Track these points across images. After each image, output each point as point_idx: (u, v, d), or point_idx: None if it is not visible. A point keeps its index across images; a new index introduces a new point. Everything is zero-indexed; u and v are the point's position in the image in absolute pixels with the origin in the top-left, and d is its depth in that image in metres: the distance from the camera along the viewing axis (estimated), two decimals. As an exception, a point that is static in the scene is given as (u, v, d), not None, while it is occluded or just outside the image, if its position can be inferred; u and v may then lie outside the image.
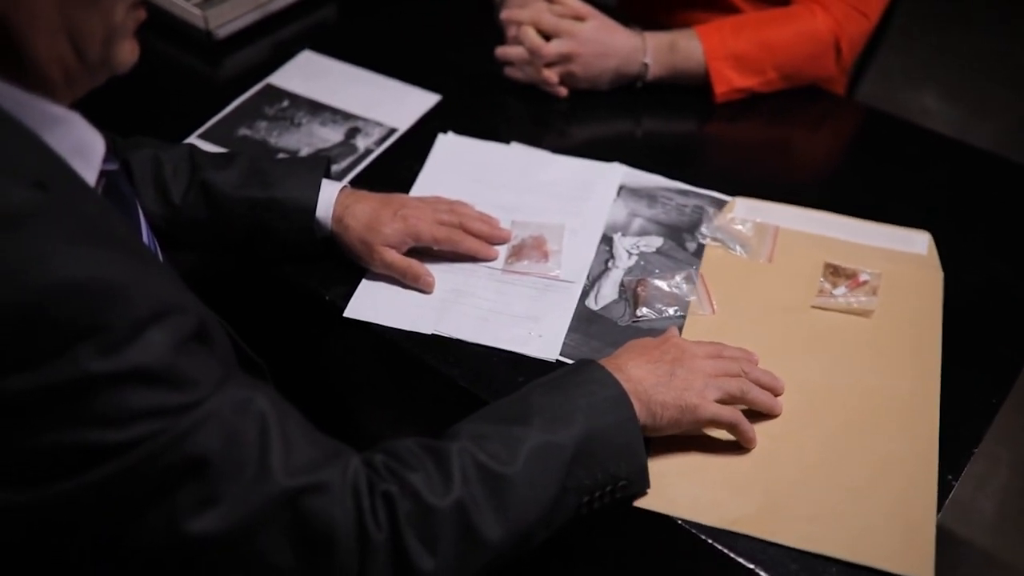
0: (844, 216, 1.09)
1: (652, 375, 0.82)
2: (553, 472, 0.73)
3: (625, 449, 0.77)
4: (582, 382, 0.79)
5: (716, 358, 0.86)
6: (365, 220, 0.98)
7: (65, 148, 0.62)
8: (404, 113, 1.25)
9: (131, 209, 0.79)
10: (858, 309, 0.98)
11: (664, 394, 0.81)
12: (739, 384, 0.85)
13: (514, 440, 0.72)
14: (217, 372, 0.62)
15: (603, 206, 1.11)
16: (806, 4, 1.27)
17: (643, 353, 0.85)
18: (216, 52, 1.36)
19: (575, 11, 1.25)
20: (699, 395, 0.82)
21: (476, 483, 0.69)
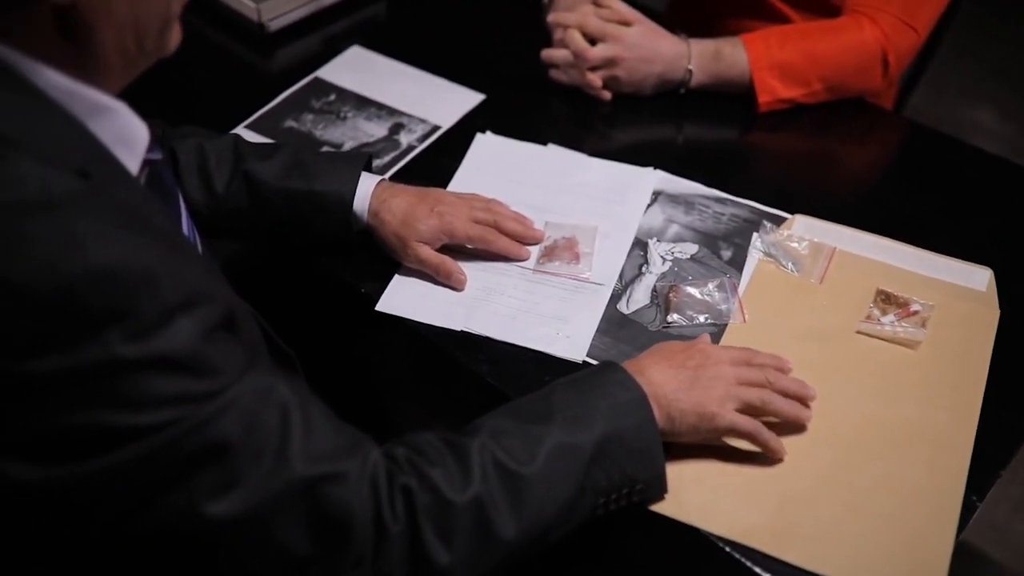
0: (905, 244, 1.05)
1: (674, 380, 0.81)
2: (571, 472, 0.73)
3: (644, 453, 0.77)
4: (604, 384, 0.79)
5: (742, 365, 0.84)
6: (401, 215, 0.99)
7: (110, 137, 0.63)
8: (448, 111, 1.25)
9: (172, 199, 0.80)
10: (904, 339, 0.94)
11: (684, 400, 0.80)
12: (760, 394, 0.83)
13: (534, 439, 0.73)
14: (241, 360, 0.63)
15: (637, 210, 1.10)
16: (854, 16, 1.26)
17: (668, 358, 0.84)
18: (268, 44, 1.38)
19: (621, 16, 1.25)
20: (719, 403, 0.80)
21: (495, 480, 0.70)
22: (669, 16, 1.62)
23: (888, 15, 1.24)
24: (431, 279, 1.01)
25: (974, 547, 1.70)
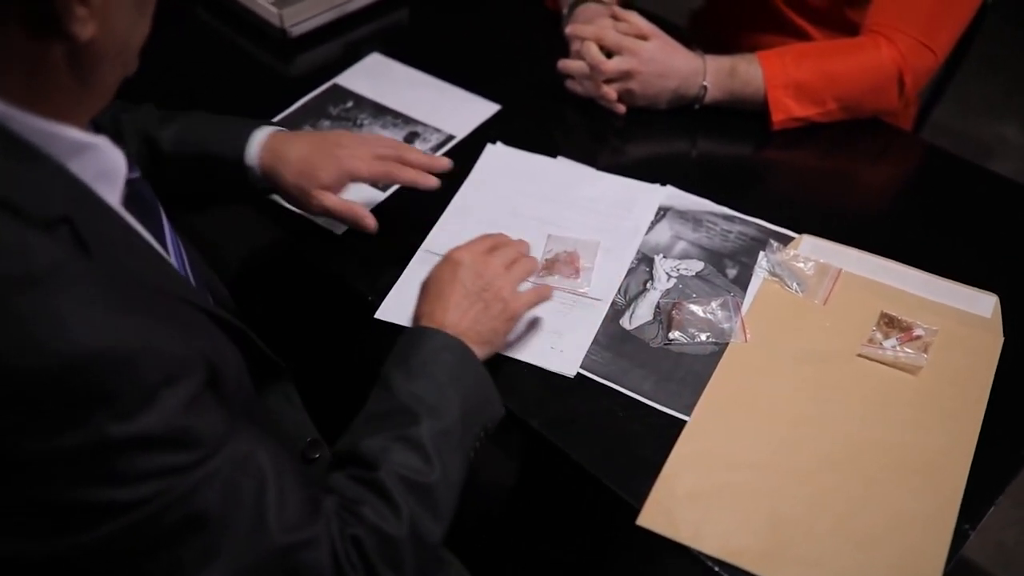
0: (912, 267, 1.05)
1: (471, 312, 0.89)
2: (456, 453, 0.80)
3: (488, 399, 0.86)
4: (432, 355, 0.84)
5: (494, 254, 0.93)
6: (298, 165, 0.98)
7: (90, 174, 0.65)
8: (463, 120, 1.26)
9: (153, 213, 0.81)
10: (905, 364, 0.95)
11: (492, 321, 0.89)
12: (525, 268, 0.95)
13: (416, 444, 0.78)
14: (222, 427, 0.65)
15: (640, 227, 1.10)
16: (871, 36, 1.25)
17: (451, 295, 0.89)
18: (290, 50, 1.40)
19: (639, 30, 1.26)
20: (513, 299, 0.91)
21: (413, 501, 0.75)
22: (689, 30, 1.63)
23: (906, 36, 1.23)
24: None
25: (983, 570, 1.69)
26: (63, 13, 0.57)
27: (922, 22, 1.24)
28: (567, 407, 0.93)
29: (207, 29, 1.46)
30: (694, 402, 0.92)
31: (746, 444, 0.89)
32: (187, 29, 1.46)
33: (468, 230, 1.10)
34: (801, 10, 1.44)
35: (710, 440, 0.89)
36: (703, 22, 1.67)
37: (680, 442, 0.89)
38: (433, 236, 1.10)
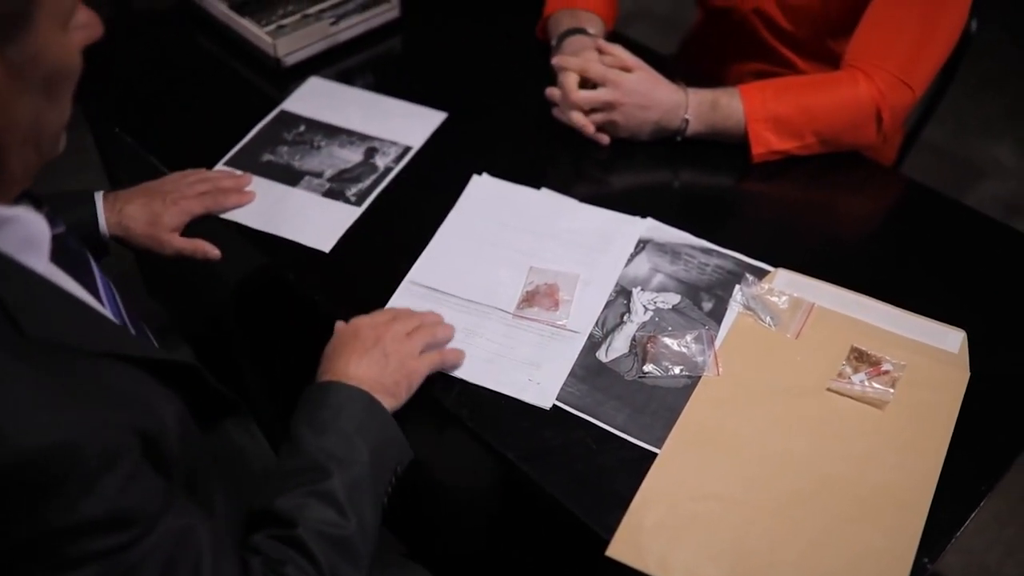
0: (882, 302, 1.07)
1: (376, 366, 0.93)
2: (369, 500, 0.85)
3: (394, 442, 0.91)
4: (339, 409, 0.88)
5: (395, 321, 0.98)
6: (145, 218, 1.10)
7: (14, 245, 0.67)
8: (415, 131, 1.31)
9: (82, 264, 0.83)
10: (872, 398, 0.97)
11: (393, 374, 0.93)
12: (428, 333, 0.99)
13: (330, 498, 0.82)
14: (159, 502, 0.68)
15: (619, 260, 1.13)
16: (850, 71, 1.28)
17: (350, 352, 0.94)
18: (284, 78, 1.43)
19: (622, 62, 1.28)
20: (414, 359, 0.96)
21: (333, 554, 0.80)
22: (678, 60, 1.66)
23: (884, 72, 1.26)
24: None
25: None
26: None
27: (900, 58, 1.26)
28: (542, 439, 0.96)
29: (206, 55, 1.50)
30: (666, 435, 0.95)
31: (714, 477, 0.92)
32: (186, 55, 1.50)
33: (450, 261, 1.14)
34: (786, 41, 1.47)
35: (679, 472, 0.92)
36: (691, 52, 1.70)
37: (650, 475, 0.92)
38: (418, 267, 1.13)
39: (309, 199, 1.20)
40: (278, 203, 1.20)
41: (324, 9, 1.46)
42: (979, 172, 2.59)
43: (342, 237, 1.16)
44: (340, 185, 1.22)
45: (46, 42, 0.63)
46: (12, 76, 0.62)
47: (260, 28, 1.42)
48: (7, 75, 0.61)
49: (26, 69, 0.62)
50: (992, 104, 2.76)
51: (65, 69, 0.66)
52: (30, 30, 0.61)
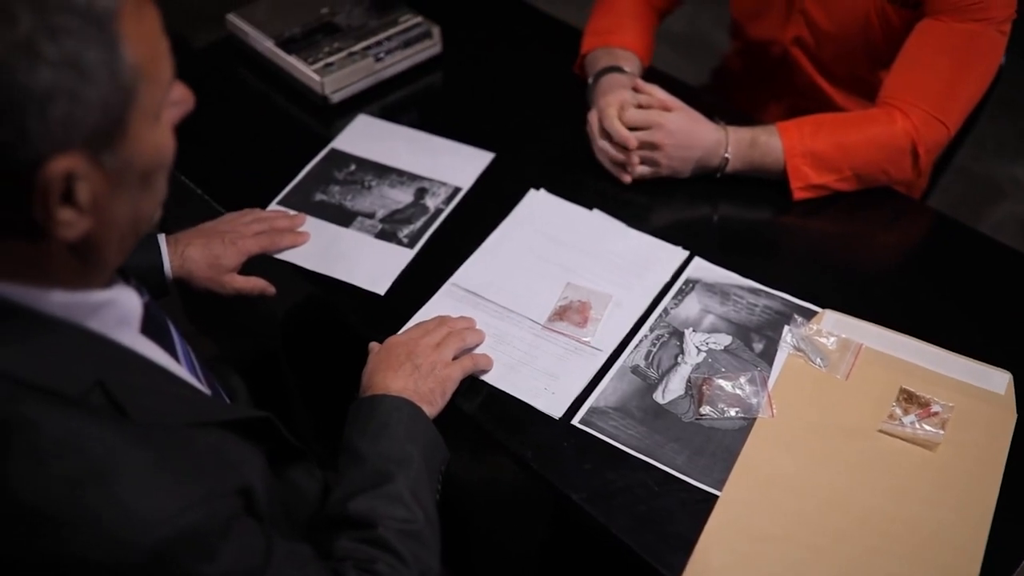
0: (926, 343, 1.10)
1: (410, 377, 1.00)
2: (428, 496, 0.93)
3: (438, 444, 0.98)
4: (388, 418, 0.95)
5: (424, 335, 1.05)
6: (205, 260, 1.13)
7: (110, 325, 0.71)
8: (464, 172, 1.33)
9: (166, 334, 0.87)
10: (924, 440, 1.00)
11: (427, 383, 1.00)
12: (458, 339, 1.06)
13: (396, 497, 0.89)
14: (265, 551, 0.75)
15: (654, 286, 1.17)
16: (886, 108, 1.30)
17: (387, 368, 1.01)
18: (330, 115, 1.46)
19: (662, 102, 1.31)
20: (446, 367, 1.02)
21: (414, 547, 0.87)
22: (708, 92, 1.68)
23: (920, 110, 1.28)
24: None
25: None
26: (46, 223, 0.61)
27: (935, 96, 1.29)
28: (605, 480, 0.99)
29: (251, 92, 1.53)
30: (725, 477, 0.98)
31: (776, 519, 0.95)
32: (232, 91, 1.53)
33: (494, 268, 1.19)
34: (824, 72, 1.50)
35: (742, 514, 0.95)
36: (724, 83, 1.73)
37: (713, 516, 0.95)
38: (462, 271, 1.19)
39: (362, 240, 1.23)
40: (332, 244, 1.23)
41: (368, 46, 1.48)
42: (998, 192, 2.62)
43: (396, 279, 1.19)
44: (392, 226, 1.25)
45: (141, 140, 0.65)
46: (110, 182, 0.64)
47: (307, 66, 1.44)
48: (104, 181, 0.63)
49: (123, 172, 0.65)
50: (1010, 125, 2.79)
51: (161, 159, 0.69)
52: (125, 134, 0.63)
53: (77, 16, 0.58)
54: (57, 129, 0.58)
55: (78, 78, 0.58)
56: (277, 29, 1.52)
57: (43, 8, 0.57)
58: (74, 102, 0.59)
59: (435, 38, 1.53)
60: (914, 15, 1.31)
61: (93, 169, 0.62)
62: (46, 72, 0.57)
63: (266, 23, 1.53)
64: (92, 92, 0.59)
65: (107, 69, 0.60)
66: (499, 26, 1.66)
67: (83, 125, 0.60)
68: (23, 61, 0.56)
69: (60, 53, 0.57)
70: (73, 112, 0.59)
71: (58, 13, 0.57)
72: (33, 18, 0.56)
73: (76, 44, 0.58)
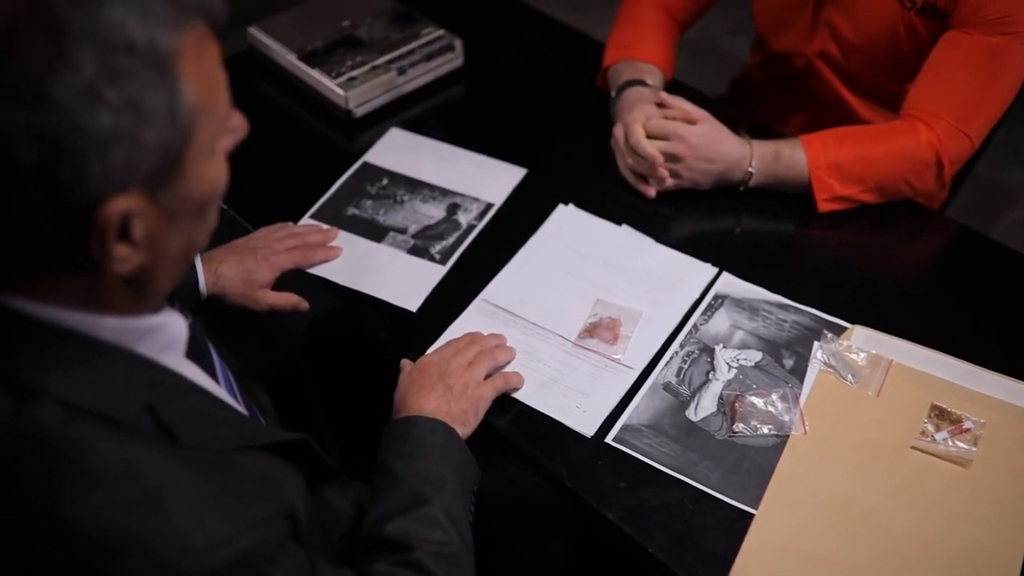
0: (956, 358, 1.11)
1: (442, 398, 1.00)
2: (463, 517, 0.93)
3: (470, 465, 0.98)
4: (422, 440, 0.95)
5: (456, 355, 1.05)
6: (239, 277, 1.13)
7: (158, 348, 0.72)
8: (497, 188, 1.33)
9: (207, 355, 0.87)
10: (957, 457, 1.00)
11: (460, 404, 1.01)
12: (489, 358, 1.07)
13: (432, 520, 0.89)
14: (310, 572, 0.76)
15: (684, 303, 1.18)
16: (910, 121, 1.30)
17: (419, 389, 1.01)
18: (354, 129, 1.46)
19: (687, 114, 1.31)
20: (478, 387, 1.03)
21: (451, 569, 0.87)
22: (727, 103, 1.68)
23: (945, 122, 1.29)
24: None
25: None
26: (102, 259, 0.62)
27: (959, 109, 1.29)
28: (640, 499, 0.99)
29: (274, 105, 1.53)
30: (760, 494, 0.99)
31: (812, 537, 0.95)
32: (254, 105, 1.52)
33: (523, 284, 1.20)
34: (849, 84, 1.50)
35: (778, 533, 0.95)
36: (744, 94, 1.73)
37: (750, 535, 0.95)
38: (492, 287, 1.20)
39: (394, 256, 1.24)
40: (364, 259, 1.23)
41: (391, 60, 1.48)
42: (1010, 198, 2.62)
43: (428, 296, 1.19)
44: (424, 242, 1.26)
45: (197, 175, 0.65)
46: (165, 217, 0.64)
47: (331, 80, 1.45)
48: (160, 217, 0.64)
49: (178, 207, 0.65)
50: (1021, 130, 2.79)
51: (215, 191, 0.69)
52: (182, 171, 0.64)
53: (139, 59, 0.58)
54: (116, 171, 0.59)
55: (138, 121, 0.58)
56: (299, 42, 1.52)
57: (105, 52, 0.57)
58: (134, 145, 0.59)
59: (457, 51, 1.54)
60: (941, 27, 1.31)
61: (150, 207, 0.62)
62: (107, 116, 0.57)
63: (287, 36, 1.54)
64: (152, 135, 0.59)
65: (167, 111, 0.60)
66: (521, 38, 1.67)
67: (142, 167, 0.60)
68: (85, 106, 0.56)
69: (121, 97, 0.57)
70: (132, 155, 0.59)
71: (120, 56, 0.57)
72: (96, 63, 0.56)
73: (137, 88, 0.58)
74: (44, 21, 0.55)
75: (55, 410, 0.64)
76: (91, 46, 0.56)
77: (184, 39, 0.61)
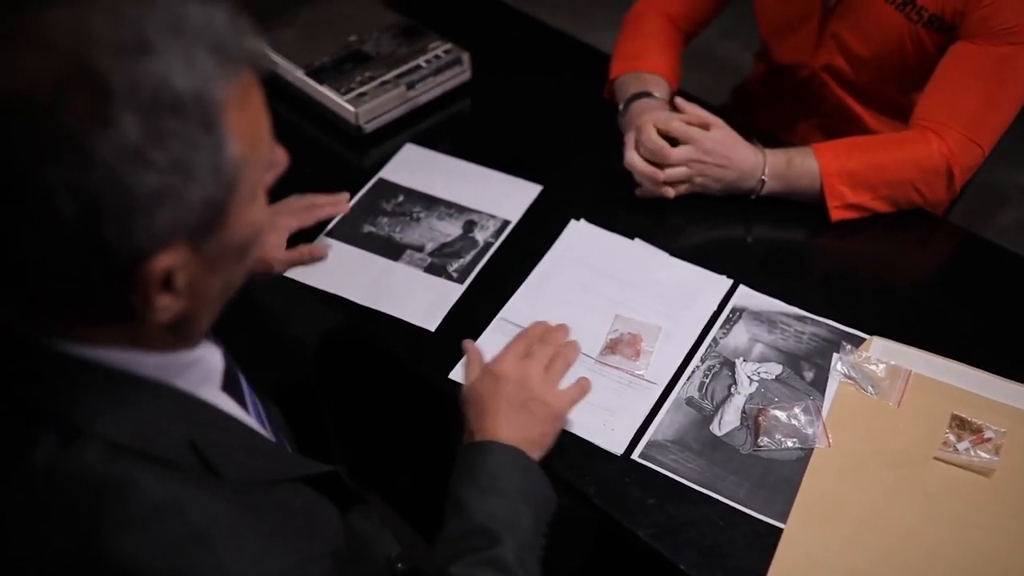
0: (974, 368, 1.12)
1: (523, 425, 0.96)
2: (535, 558, 0.90)
3: (549, 499, 0.94)
4: (498, 472, 0.91)
5: (531, 361, 1.00)
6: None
7: (195, 382, 0.71)
8: (512, 204, 1.33)
9: (238, 385, 0.87)
10: (979, 467, 1.01)
11: (540, 427, 0.97)
12: (563, 363, 1.02)
13: (503, 564, 0.86)
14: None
15: (702, 316, 1.18)
16: (920, 130, 1.32)
17: (496, 409, 0.96)
18: (364, 144, 1.46)
19: (703, 120, 1.32)
20: (556, 401, 0.98)
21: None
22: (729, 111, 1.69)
23: (955, 131, 1.30)
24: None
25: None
26: (143, 311, 0.61)
27: (969, 118, 1.31)
28: (669, 516, 1.00)
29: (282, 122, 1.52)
30: (787, 509, 0.99)
31: (841, 551, 0.96)
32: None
33: (543, 303, 1.20)
34: (855, 94, 1.51)
35: (808, 547, 0.96)
36: (746, 102, 1.74)
37: (780, 550, 0.96)
38: (511, 305, 1.20)
39: (412, 275, 1.24)
40: (382, 278, 1.23)
41: (400, 74, 1.48)
42: (1003, 199, 2.65)
43: (446, 315, 1.19)
44: (441, 260, 1.26)
45: (240, 222, 0.64)
46: (207, 266, 0.64)
47: (340, 96, 1.44)
48: (202, 266, 0.63)
49: (221, 254, 0.65)
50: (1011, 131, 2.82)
51: (257, 234, 0.69)
52: (226, 221, 0.63)
53: (185, 117, 0.57)
54: (160, 230, 0.58)
55: (184, 180, 0.58)
56: (306, 58, 1.52)
57: (151, 112, 0.56)
58: (179, 203, 0.58)
59: (465, 64, 1.54)
60: (948, 39, 1.33)
61: (192, 258, 0.62)
62: (152, 177, 0.56)
63: (294, 52, 1.53)
64: (196, 192, 0.59)
65: (212, 168, 0.59)
66: (525, 50, 1.67)
67: (186, 223, 0.59)
68: (130, 167, 0.55)
69: (167, 158, 0.56)
70: (177, 213, 0.58)
71: (166, 116, 0.56)
72: (141, 124, 0.55)
73: (183, 148, 0.57)
74: (88, 80, 0.54)
75: (100, 449, 0.64)
76: (136, 107, 0.55)
77: (231, 91, 0.60)
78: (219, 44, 0.59)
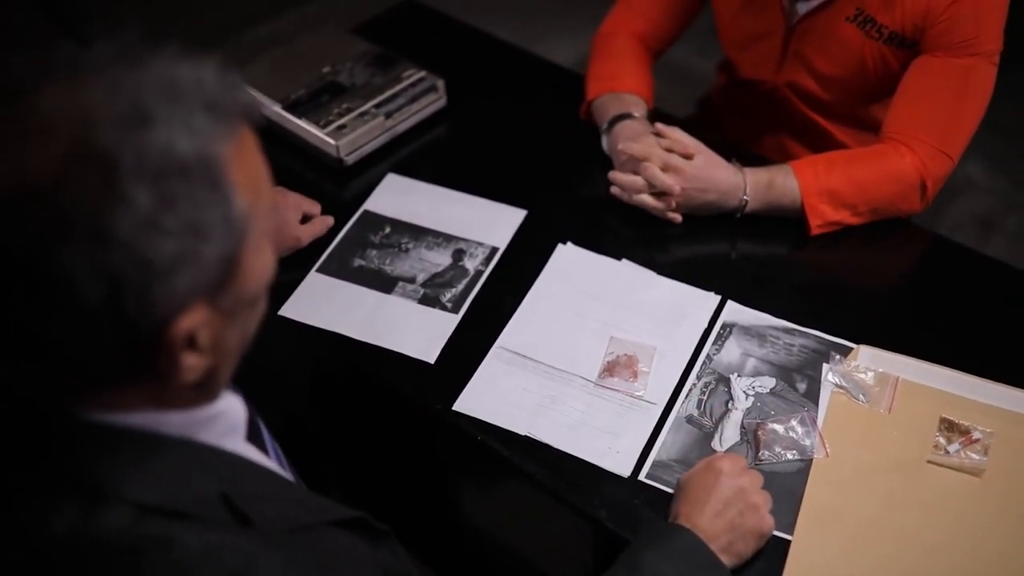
0: (961, 372, 1.16)
1: (725, 518, 0.96)
2: None
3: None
4: (684, 552, 0.93)
5: (743, 474, 1.00)
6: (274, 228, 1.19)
7: (219, 434, 0.72)
8: (499, 231, 1.34)
9: (258, 432, 0.87)
10: (970, 467, 1.05)
11: (741, 535, 0.96)
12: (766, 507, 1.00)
13: None
14: None
15: (693, 334, 1.21)
16: (893, 144, 1.36)
17: (707, 500, 0.97)
18: (345, 176, 1.46)
19: (685, 148, 1.34)
20: (767, 516, 0.99)
21: None
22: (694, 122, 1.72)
23: (925, 144, 1.35)
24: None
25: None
26: (171, 373, 0.62)
27: (938, 130, 1.35)
28: (679, 534, 1.02)
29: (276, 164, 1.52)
30: (792, 520, 1.02)
31: (848, 559, 0.99)
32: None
33: (539, 329, 1.22)
34: (818, 109, 1.56)
35: (816, 558, 0.99)
36: (711, 114, 1.78)
37: (789, 562, 0.99)
38: (507, 332, 1.22)
39: (406, 307, 1.24)
40: (375, 312, 1.23)
41: (377, 104, 1.49)
42: (953, 191, 2.73)
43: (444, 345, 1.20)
44: (434, 291, 1.27)
45: (251, 271, 0.65)
46: (225, 318, 0.64)
47: (319, 129, 1.45)
48: (221, 320, 0.64)
49: (237, 305, 0.65)
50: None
51: (268, 280, 0.69)
52: (239, 272, 0.63)
53: (191, 179, 0.57)
54: (181, 292, 0.59)
55: (198, 240, 0.58)
56: (281, 92, 1.51)
57: (159, 180, 0.56)
58: (195, 263, 0.59)
59: (440, 91, 1.55)
60: (910, 54, 1.37)
61: (212, 314, 0.62)
62: (169, 243, 0.57)
63: (269, 85, 1.52)
64: (211, 250, 0.59)
65: (223, 224, 0.60)
66: (496, 74, 1.68)
67: (204, 282, 0.60)
68: (146, 237, 0.56)
69: (180, 221, 0.57)
70: (195, 273, 0.59)
71: (174, 181, 0.57)
72: (151, 193, 0.56)
73: (194, 209, 0.58)
74: (93, 157, 0.55)
75: (125, 512, 0.64)
76: (145, 177, 0.55)
77: (230, 145, 0.61)
78: (213, 102, 0.60)
